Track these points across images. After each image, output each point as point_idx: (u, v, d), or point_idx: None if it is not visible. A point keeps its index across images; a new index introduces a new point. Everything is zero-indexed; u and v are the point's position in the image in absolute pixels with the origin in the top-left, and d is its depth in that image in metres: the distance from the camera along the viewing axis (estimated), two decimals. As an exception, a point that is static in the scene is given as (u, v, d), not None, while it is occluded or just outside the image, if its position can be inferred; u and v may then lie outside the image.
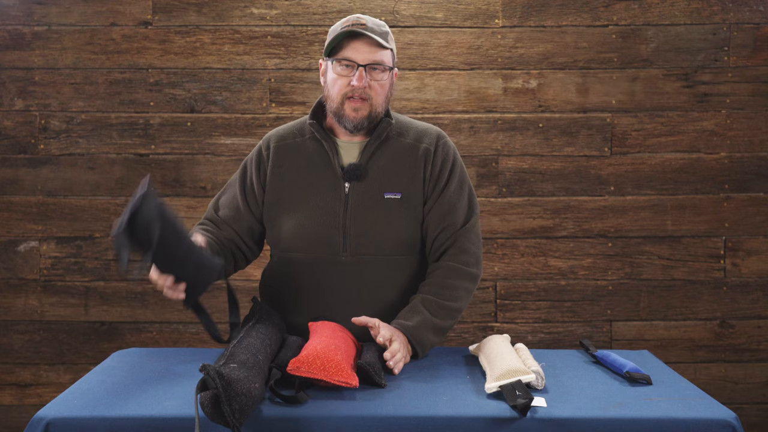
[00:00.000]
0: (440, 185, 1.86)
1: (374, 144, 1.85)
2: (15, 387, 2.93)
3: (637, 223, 2.91)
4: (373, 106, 1.80)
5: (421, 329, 1.72)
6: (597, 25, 2.91)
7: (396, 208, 1.81)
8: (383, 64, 1.80)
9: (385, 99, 1.84)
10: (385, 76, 1.81)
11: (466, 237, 1.85)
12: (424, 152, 1.86)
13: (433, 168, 1.86)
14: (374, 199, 1.81)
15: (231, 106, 2.91)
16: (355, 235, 1.80)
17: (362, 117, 1.80)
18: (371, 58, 1.78)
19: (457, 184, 1.88)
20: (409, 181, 1.84)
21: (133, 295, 2.92)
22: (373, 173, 1.83)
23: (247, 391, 1.26)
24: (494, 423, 1.30)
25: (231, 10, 2.91)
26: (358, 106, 1.79)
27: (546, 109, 2.92)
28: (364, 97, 1.79)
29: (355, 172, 1.81)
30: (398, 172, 1.84)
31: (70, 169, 2.92)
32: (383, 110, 1.85)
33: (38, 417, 1.31)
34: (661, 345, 2.91)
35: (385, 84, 1.82)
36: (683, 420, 1.30)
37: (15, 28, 2.91)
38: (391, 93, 1.87)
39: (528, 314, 2.92)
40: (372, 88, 1.79)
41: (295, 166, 1.87)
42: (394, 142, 1.87)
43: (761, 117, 2.91)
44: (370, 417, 1.31)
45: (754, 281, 2.92)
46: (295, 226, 1.83)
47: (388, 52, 1.82)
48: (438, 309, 1.77)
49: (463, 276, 1.83)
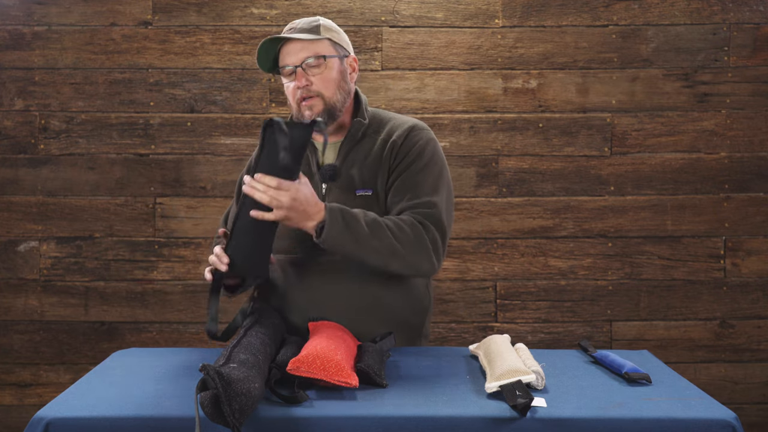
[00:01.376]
0: (400, 169, 1.82)
1: (348, 144, 1.86)
2: (15, 387, 2.93)
3: (637, 223, 2.91)
4: (325, 98, 1.80)
5: (340, 208, 1.67)
6: (597, 25, 2.91)
7: (368, 205, 1.80)
8: (318, 55, 1.80)
9: (336, 88, 1.82)
10: (326, 66, 1.81)
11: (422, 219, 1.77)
12: (391, 145, 1.84)
13: (398, 157, 1.83)
14: (348, 198, 1.81)
15: (231, 106, 2.91)
16: None
17: (318, 112, 1.80)
18: (302, 56, 1.79)
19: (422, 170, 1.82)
20: (378, 176, 1.83)
21: (133, 295, 2.92)
22: (347, 172, 1.83)
23: (247, 391, 1.26)
24: (494, 423, 1.30)
25: (231, 10, 2.91)
26: (311, 104, 1.80)
27: (546, 109, 2.92)
28: (312, 94, 1.80)
29: (329, 173, 1.79)
30: (371, 169, 1.84)
31: (70, 169, 2.92)
32: (340, 99, 1.83)
33: (38, 417, 1.31)
34: (661, 345, 2.91)
35: (329, 74, 1.81)
36: (683, 420, 1.30)
37: (15, 28, 2.91)
38: (346, 80, 1.85)
39: (528, 314, 2.92)
40: (315, 82, 1.80)
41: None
42: (370, 139, 1.87)
43: (761, 117, 2.91)
44: (370, 417, 1.31)
45: (754, 281, 2.92)
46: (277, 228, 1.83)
47: (324, 42, 1.81)
48: (372, 221, 1.69)
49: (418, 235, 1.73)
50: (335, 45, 1.84)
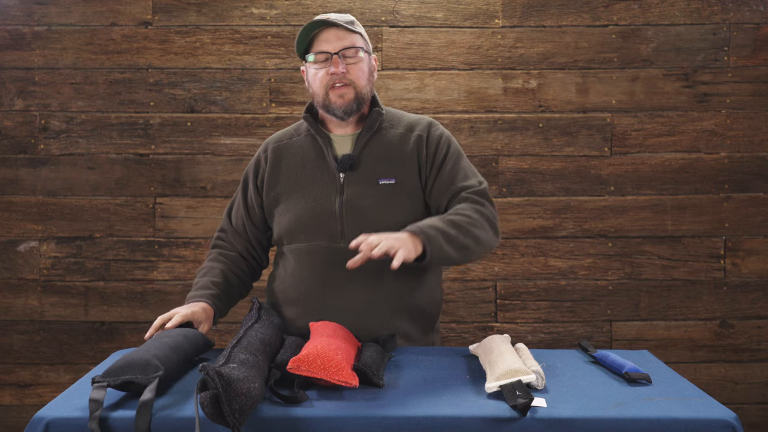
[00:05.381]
0: (438, 161, 1.88)
1: (366, 135, 1.88)
2: (15, 387, 2.93)
3: (637, 223, 2.91)
4: (357, 88, 1.85)
5: (425, 225, 1.71)
6: (597, 25, 2.91)
7: (391, 193, 1.84)
8: (355, 46, 1.84)
9: (367, 81, 1.87)
10: (361, 58, 1.85)
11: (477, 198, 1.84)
12: (416, 139, 1.89)
13: (428, 150, 1.88)
14: (369, 186, 1.84)
15: (231, 106, 2.91)
16: (352, 222, 1.82)
17: (349, 101, 1.84)
18: (342, 44, 1.83)
19: (455, 160, 1.89)
20: (403, 167, 1.86)
21: (133, 295, 2.92)
22: (367, 162, 1.86)
23: (247, 391, 1.26)
24: (494, 423, 1.30)
25: (231, 10, 2.91)
26: (342, 92, 1.83)
27: (546, 109, 2.92)
28: (345, 82, 1.83)
29: (349, 162, 1.85)
30: (391, 160, 1.87)
31: (70, 169, 2.92)
32: (368, 92, 1.88)
33: (38, 417, 1.31)
34: (661, 345, 2.91)
35: (362, 65, 1.86)
36: (683, 420, 1.30)
37: (15, 28, 2.91)
38: (372, 76, 1.90)
39: (528, 314, 2.92)
40: (350, 71, 1.84)
41: (291, 164, 1.91)
42: (386, 132, 1.90)
43: (761, 117, 2.91)
44: (370, 417, 1.31)
45: (754, 281, 2.92)
46: (293, 219, 1.86)
47: (357, 35, 1.86)
48: (449, 222, 1.75)
49: (482, 215, 1.81)
50: (365, 42, 1.90)
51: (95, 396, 1.31)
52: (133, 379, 1.36)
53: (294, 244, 1.87)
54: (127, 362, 1.39)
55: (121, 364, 1.38)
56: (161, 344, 1.50)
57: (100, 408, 1.28)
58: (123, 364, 1.38)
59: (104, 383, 1.35)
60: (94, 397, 1.30)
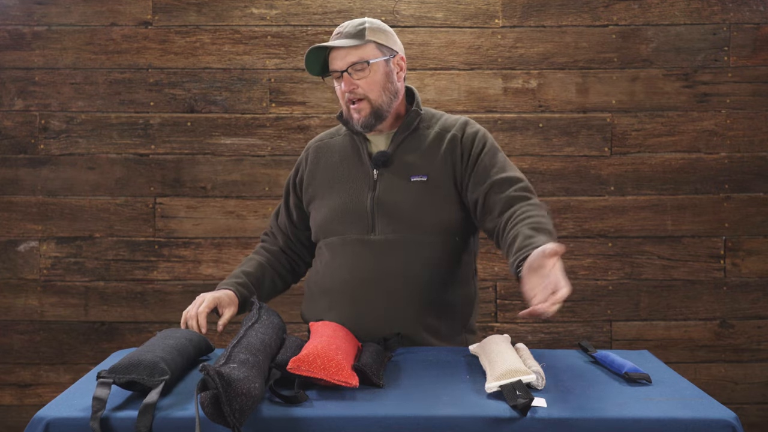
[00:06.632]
0: (474, 156, 1.89)
1: (402, 134, 1.92)
2: (15, 387, 2.93)
3: (637, 223, 2.91)
4: (371, 101, 1.87)
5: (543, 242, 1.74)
6: (597, 25, 2.91)
7: (423, 190, 1.87)
8: (361, 60, 1.84)
9: (381, 90, 1.87)
10: (371, 70, 1.85)
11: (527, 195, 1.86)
12: (451, 138, 1.92)
13: (464, 147, 1.91)
14: (401, 183, 1.88)
15: (231, 106, 2.91)
16: (383, 216, 1.86)
17: (366, 116, 1.88)
18: (347, 61, 1.85)
19: (492, 154, 1.91)
20: (436, 165, 1.89)
21: (133, 295, 2.92)
22: (400, 159, 1.90)
23: (247, 391, 1.26)
24: (494, 423, 1.30)
25: (231, 10, 2.91)
26: (359, 107, 1.88)
27: (546, 109, 2.92)
28: (359, 97, 1.86)
29: (382, 159, 1.89)
30: (424, 158, 1.90)
31: (70, 169, 2.92)
32: (386, 101, 1.89)
33: (38, 417, 1.31)
34: (661, 345, 2.91)
35: (374, 78, 1.86)
36: (683, 420, 1.30)
37: (15, 28, 2.91)
38: (391, 80, 1.90)
39: (528, 314, 2.92)
40: (362, 86, 1.86)
41: (329, 162, 1.98)
42: (422, 132, 1.94)
43: (761, 117, 2.91)
44: (370, 417, 1.31)
45: (754, 281, 2.92)
46: (328, 213, 1.92)
47: (368, 46, 1.86)
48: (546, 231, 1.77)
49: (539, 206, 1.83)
50: (380, 47, 1.88)
51: (99, 394, 1.31)
52: (138, 380, 1.36)
53: (329, 238, 1.92)
54: (134, 361, 1.39)
55: (128, 363, 1.38)
56: (167, 346, 1.50)
57: (103, 408, 1.28)
58: (130, 363, 1.38)
59: (109, 380, 1.35)
60: (98, 395, 1.30)
